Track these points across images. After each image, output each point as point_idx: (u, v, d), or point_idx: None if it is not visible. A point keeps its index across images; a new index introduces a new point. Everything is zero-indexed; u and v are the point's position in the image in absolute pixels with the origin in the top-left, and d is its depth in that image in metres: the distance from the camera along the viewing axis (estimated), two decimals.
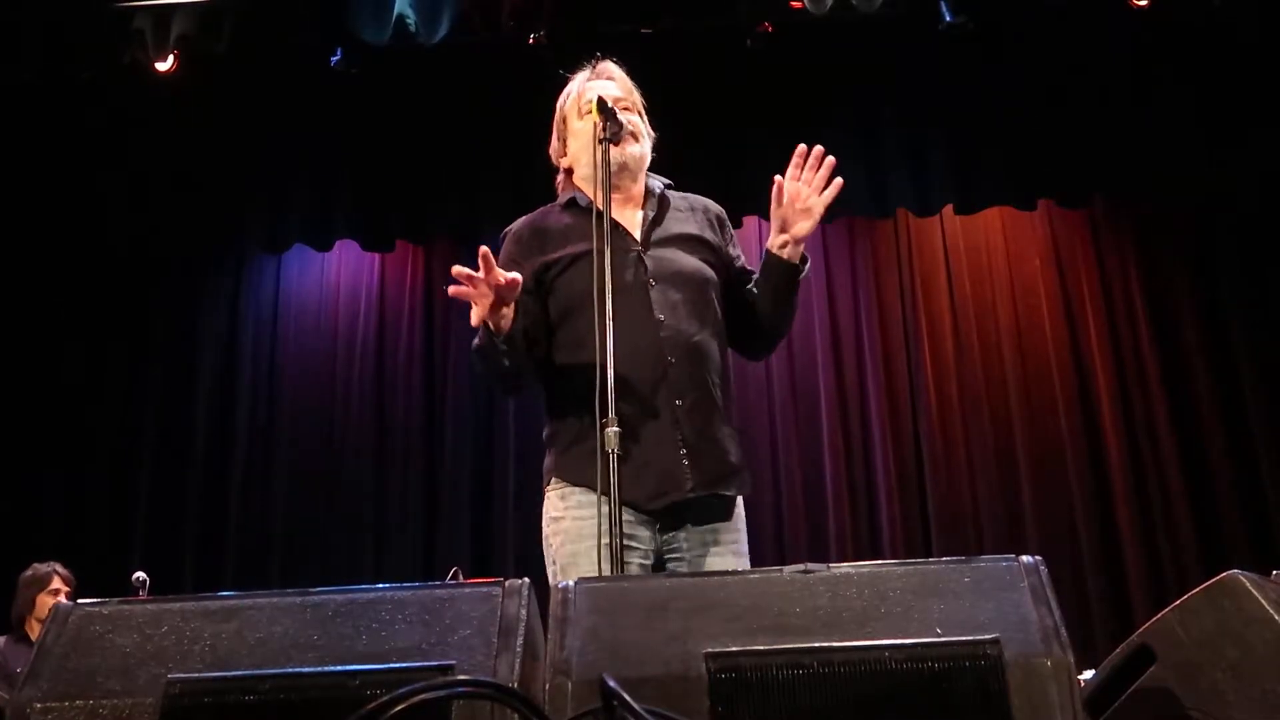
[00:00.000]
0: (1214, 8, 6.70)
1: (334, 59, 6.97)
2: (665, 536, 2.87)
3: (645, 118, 3.21)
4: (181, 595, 1.86)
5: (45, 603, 5.63)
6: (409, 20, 6.65)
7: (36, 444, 7.39)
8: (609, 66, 3.26)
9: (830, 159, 2.97)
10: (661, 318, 2.90)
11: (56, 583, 5.75)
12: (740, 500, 2.99)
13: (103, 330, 7.67)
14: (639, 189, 3.13)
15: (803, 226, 2.94)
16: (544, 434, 3.01)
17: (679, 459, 2.83)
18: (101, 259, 7.62)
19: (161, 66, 6.81)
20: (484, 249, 2.69)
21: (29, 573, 5.82)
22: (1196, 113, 7.09)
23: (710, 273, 3.05)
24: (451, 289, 2.70)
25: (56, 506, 7.36)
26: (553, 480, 2.95)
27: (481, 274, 2.66)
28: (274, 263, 7.97)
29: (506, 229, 3.26)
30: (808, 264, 3.01)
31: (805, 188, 2.95)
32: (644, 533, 2.83)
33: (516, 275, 2.73)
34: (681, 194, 3.23)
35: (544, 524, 2.95)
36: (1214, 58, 6.99)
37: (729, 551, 2.91)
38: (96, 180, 7.43)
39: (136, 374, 7.70)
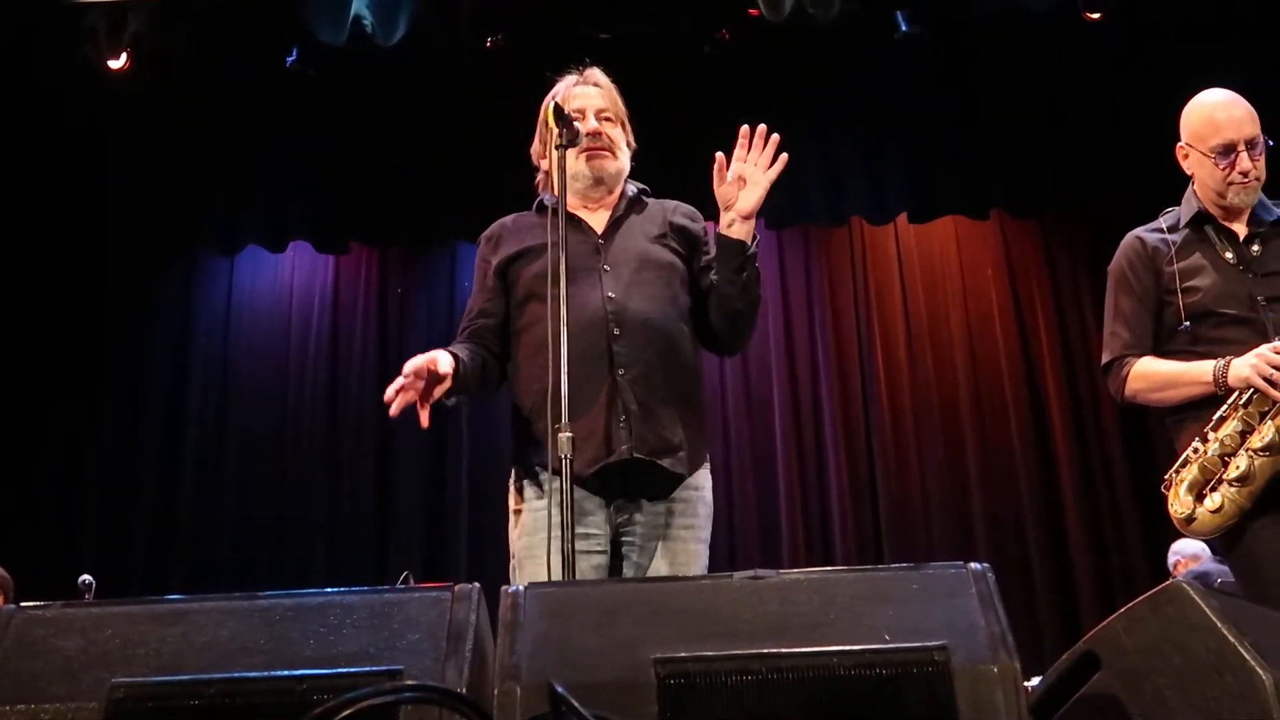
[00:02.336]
0: (1165, 22, 6.78)
1: (290, 59, 6.93)
2: (620, 519, 2.88)
3: (629, 127, 3.24)
4: (127, 599, 1.83)
5: None
6: (366, 21, 6.61)
7: None
8: (595, 73, 3.27)
9: (775, 136, 2.99)
10: (611, 295, 2.95)
11: None
12: (704, 483, 3.00)
13: (53, 329, 7.57)
14: (614, 197, 3.17)
15: (748, 200, 2.96)
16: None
17: (616, 425, 2.85)
18: (52, 259, 7.52)
19: (114, 65, 6.73)
20: (419, 363, 2.81)
21: None
22: (1148, 125, 7.14)
23: (669, 257, 3.08)
24: (392, 410, 2.80)
25: (3, 508, 7.25)
26: (512, 469, 3.03)
27: (412, 380, 2.79)
28: (227, 264, 7.90)
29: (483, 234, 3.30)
30: (757, 242, 3.00)
31: (751, 166, 2.98)
32: (598, 516, 2.85)
33: (445, 364, 2.85)
34: (658, 201, 3.26)
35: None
36: (1166, 70, 7.07)
37: (688, 538, 2.92)
38: (48, 180, 7.34)
39: (87, 374, 7.60)
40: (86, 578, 5.70)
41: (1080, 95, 7.21)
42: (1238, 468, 3.06)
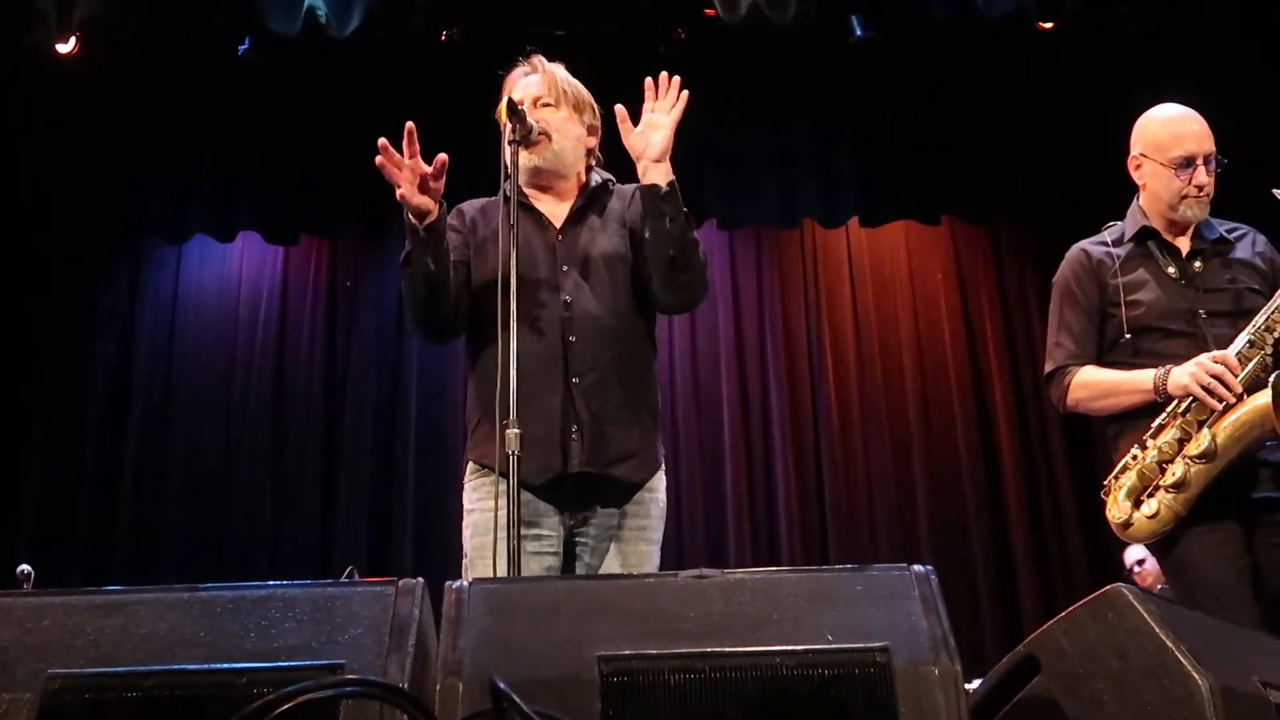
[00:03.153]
0: (1115, 33, 6.85)
1: (242, 48, 6.87)
2: (573, 522, 2.88)
3: (586, 108, 3.19)
4: (65, 589, 1.81)
5: None
6: (320, 12, 6.56)
7: None
8: (538, 61, 3.25)
9: (677, 78, 2.96)
10: (568, 299, 2.93)
11: None
12: (658, 485, 3.00)
13: None
14: (570, 184, 3.15)
15: (655, 141, 2.92)
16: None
17: (569, 435, 2.84)
18: None
19: (63, 49, 6.64)
20: (409, 125, 2.82)
21: None
22: (1098, 135, 7.22)
23: (626, 250, 3.06)
24: (378, 159, 2.81)
25: None
26: (468, 465, 3.01)
27: (406, 155, 2.78)
28: (175, 253, 7.81)
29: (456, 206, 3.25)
30: (674, 185, 2.92)
31: (658, 113, 2.96)
32: (551, 519, 2.85)
33: (442, 157, 2.83)
34: (623, 188, 3.22)
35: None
36: (1117, 82, 7.15)
37: (639, 539, 2.92)
38: None
39: (28, 362, 7.49)
40: (25, 568, 5.62)
41: (1032, 104, 7.27)
42: (1174, 474, 3.11)
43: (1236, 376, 3.07)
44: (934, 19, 6.74)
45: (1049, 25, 6.77)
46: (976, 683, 2.24)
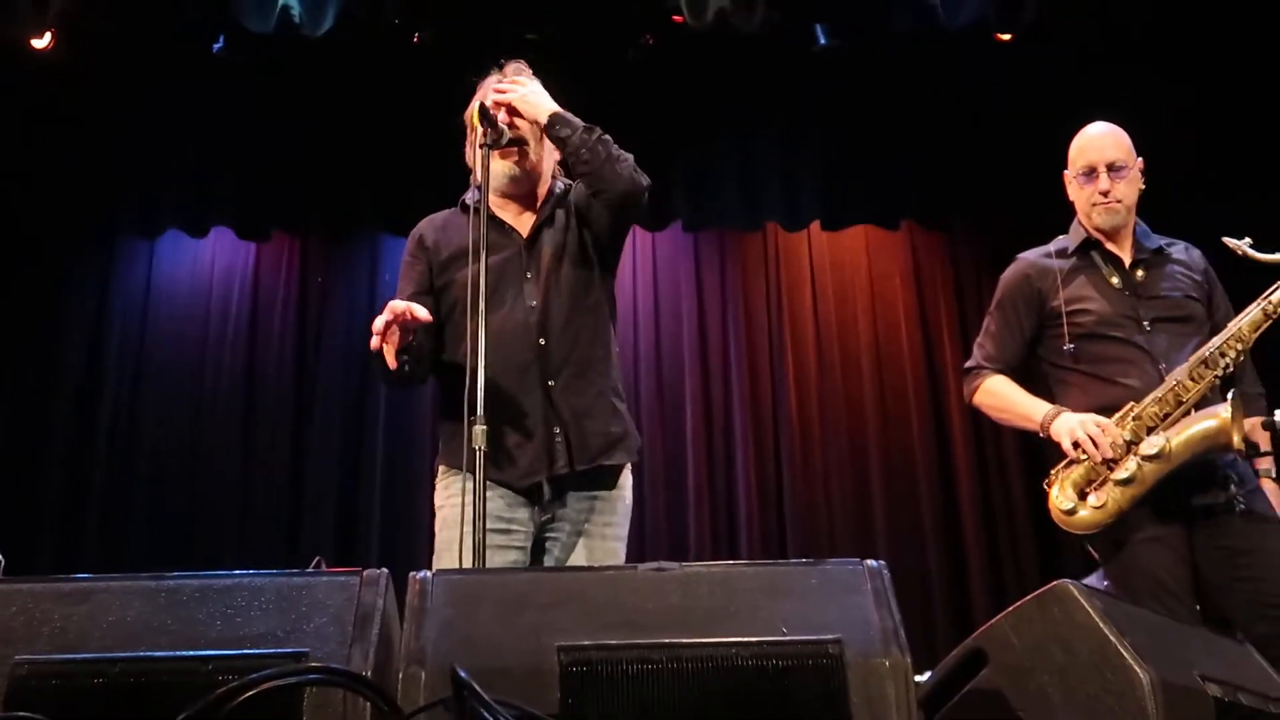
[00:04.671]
0: (1071, 45, 6.90)
1: (216, 46, 6.83)
2: (545, 517, 2.90)
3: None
4: (33, 577, 1.80)
5: None
6: (293, 11, 6.54)
7: None
8: (517, 66, 3.26)
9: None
10: (533, 304, 2.95)
11: None
12: (625, 484, 3.02)
13: None
14: (539, 191, 3.17)
15: (521, 101, 3.08)
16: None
17: (552, 438, 2.86)
18: None
19: (38, 44, 6.59)
20: (400, 308, 2.80)
21: None
22: (1052, 144, 7.28)
23: (593, 257, 3.09)
24: (373, 344, 2.82)
25: None
26: (439, 469, 3.05)
27: (394, 321, 2.80)
28: (147, 247, 7.75)
29: (412, 231, 3.28)
30: (556, 114, 3.05)
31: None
32: (522, 514, 2.87)
33: (423, 312, 2.82)
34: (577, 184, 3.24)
35: None
36: (1072, 92, 7.21)
37: (607, 535, 2.95)
38: None
39: None
40: None
41: (990, 113, 7.32)
42: (1126, 470, 3.18)
43: (1111, 440, 3.19)
44: (895, 29, 6.77)
45: (1007, 37, 6.82)
46: (928, 674, 2.26)
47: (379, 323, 2.78)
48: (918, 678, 1.76)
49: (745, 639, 1.66)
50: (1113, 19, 6.80)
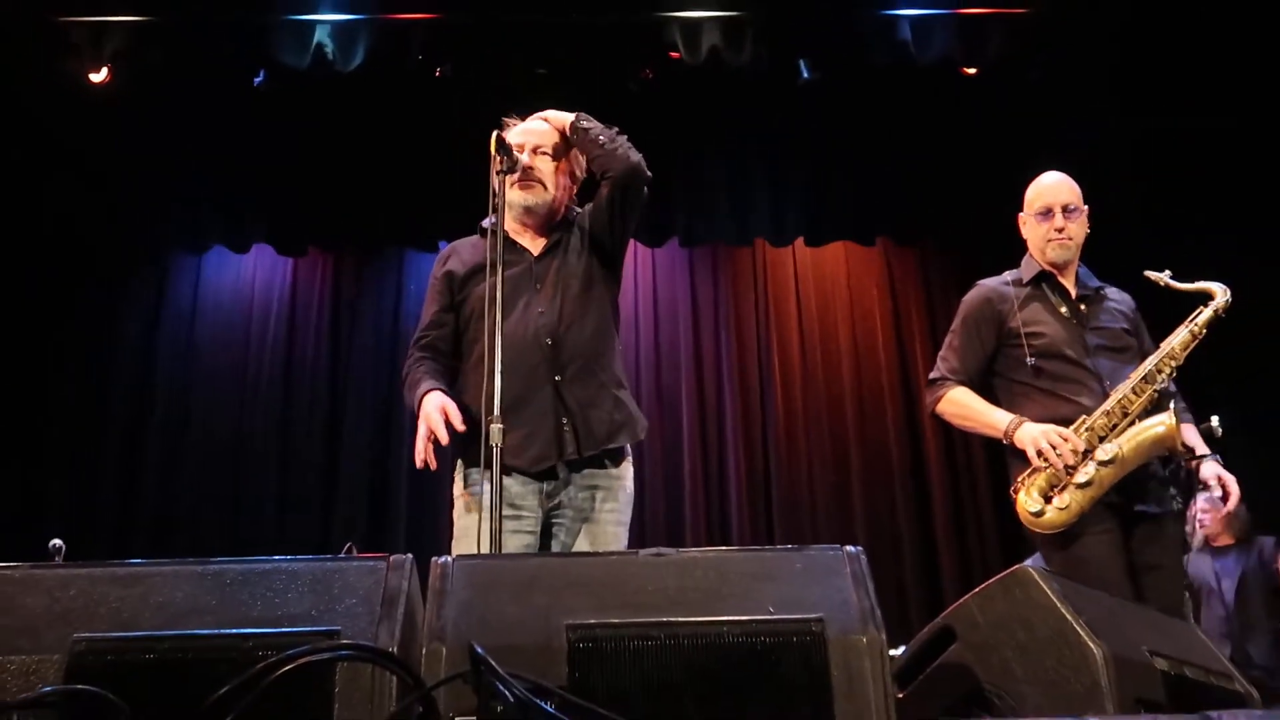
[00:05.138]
0: (1030, 79, 6.91)
1: (257, 80, 6.84)
2: (551, 505, 2.91)
3: (573, 160, 3.27)
4: (91, 562, 1.80)
5: None
6: (327, 49, 6.55)
7: None
8: (545, 113, 3.30)
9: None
10: (541, 310, 2.97)
11: None
12: (627, 474, 3.03)
13: (30, 316, 7.39)
14: (553, 219, 3.19)
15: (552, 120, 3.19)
16: None
17: (561, 428, 2.88)
18: (36, 252, 7.37)
19: (96, 78, 6.60)
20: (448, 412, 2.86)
21: None
22: (1010, 167, 7.30)
23: (597, 269, 3.11)
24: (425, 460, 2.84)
25: None
26: (457, 463, 3.05)
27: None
28: (194, 263, 7.78)
29: (439, 254, 3.35)
30: (579, 119, 3.17)
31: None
32: (531, 501, 2.88)
33: (454, 415, 2.87)
34: (584, 209, 3.30)
35: None
36: (1029, 122, 7.22)
37: (609, 521, 2.96)
38: (35, 182, 7.18)
39: (60, 359, 7.43)
40: (57, 542, 5.56)
41: (957, 140, 7.32)
42: (1085, 473, 3.24)
43: (1071, 448, 3.26)
44: (872, 63, 6.78)
45: (972, 71, 6.82)
46: (902, 649, 2.25)
47: (424, 448, 2.85)
48: (892, 652, 1.76)
49: (736, 618, 1.66)
50: (1063, 58, 6.82)
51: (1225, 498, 3.39)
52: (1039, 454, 3.28)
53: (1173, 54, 6.63)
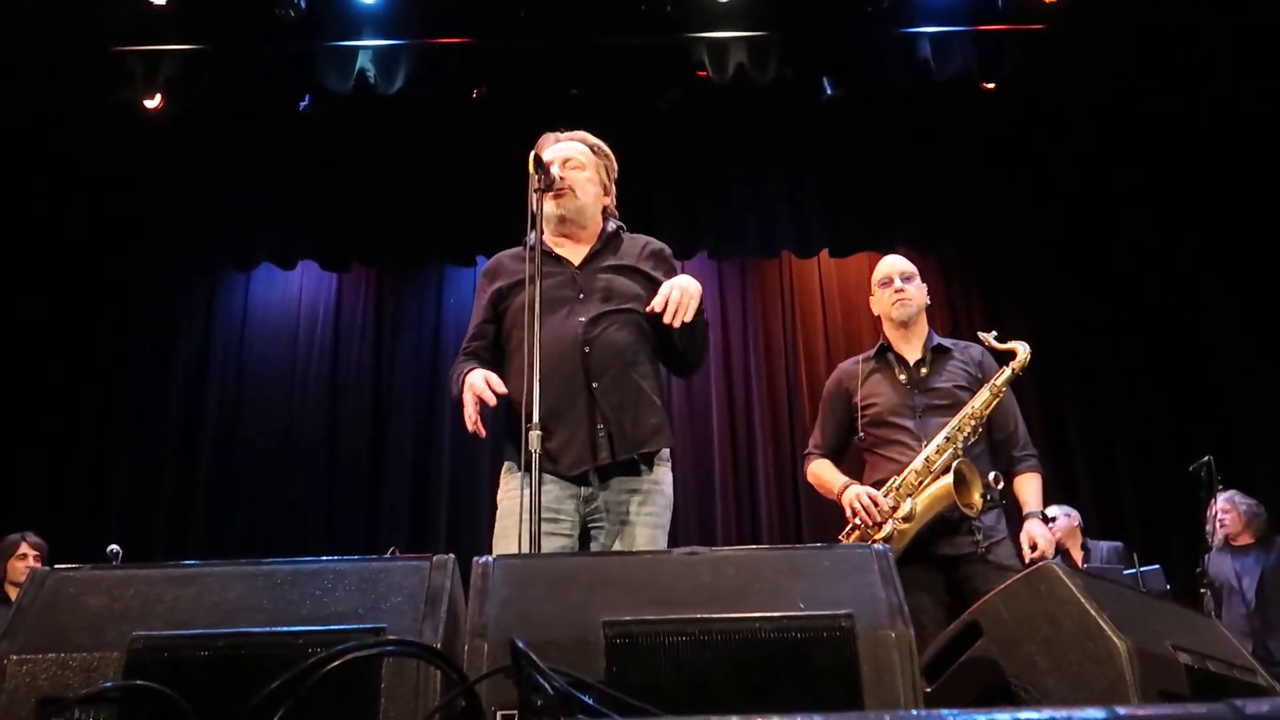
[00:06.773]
0: (1046, 96, 6.88)
1: (303, 104, 6.89)
2: (589, 508, 2.90)
3: (605, 171, 3.25)
4: (148, 563, 1.81)
5: (15, 567, 5.45)
6: (369, 73, 6.61)
7: (31, 438, 7.19)
8: (578, 133, 3.30)
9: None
10: (582, 319, 2.97)
11: (24, 548, 5.53)
12: (665, 479, 3.02)
13: (90, 331, 7.48)
14: (589, 232, 3.20)
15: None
16: None
17: (596, 433, 2.88)
18: (96, 270, 7.48)
19: (150, 104, 6.68)
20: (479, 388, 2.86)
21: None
22: (1025, 176, 7.29)
23: (637, 289, 3.09)
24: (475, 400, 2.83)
25: (45, 489, 7.15)
26: (505, 463, 3.04)
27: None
28: (243, 279, 7.85)
29: (483, 267, 3.36)
30: (697, 315, 2.98)
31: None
32: (569, 506, 2.87)
33: (499, 386, 2.88)
34: (633, 235, 3.27)
35: None
36: (1043, 133, 7.18)
37: (648, 524, 2.94)
38: (94, 202, 7.29)
39: (118, 372, 7.52)
40: (114, 547, 5.63)
41: (974, 152, 7.29)
42: (886, 529, 3.59)
43: (879, 509, 3.57)
44: (893, 80, 6.77)
45: (990, 85, 6.79)
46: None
47: (473, 411, 2.84)
48: None
49: (767, 614, 1.64)
50: (1076, 74, 6.79)
51: (1036, 552, 3.57)
52: (853, 513, 3.61)
53: (1183, 67, 6.60)
